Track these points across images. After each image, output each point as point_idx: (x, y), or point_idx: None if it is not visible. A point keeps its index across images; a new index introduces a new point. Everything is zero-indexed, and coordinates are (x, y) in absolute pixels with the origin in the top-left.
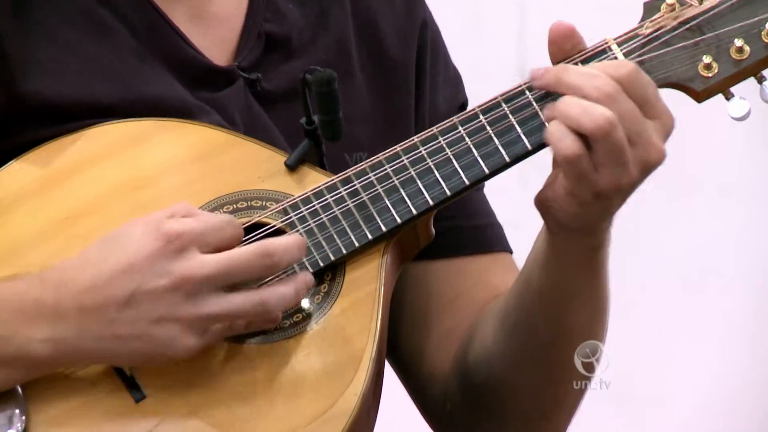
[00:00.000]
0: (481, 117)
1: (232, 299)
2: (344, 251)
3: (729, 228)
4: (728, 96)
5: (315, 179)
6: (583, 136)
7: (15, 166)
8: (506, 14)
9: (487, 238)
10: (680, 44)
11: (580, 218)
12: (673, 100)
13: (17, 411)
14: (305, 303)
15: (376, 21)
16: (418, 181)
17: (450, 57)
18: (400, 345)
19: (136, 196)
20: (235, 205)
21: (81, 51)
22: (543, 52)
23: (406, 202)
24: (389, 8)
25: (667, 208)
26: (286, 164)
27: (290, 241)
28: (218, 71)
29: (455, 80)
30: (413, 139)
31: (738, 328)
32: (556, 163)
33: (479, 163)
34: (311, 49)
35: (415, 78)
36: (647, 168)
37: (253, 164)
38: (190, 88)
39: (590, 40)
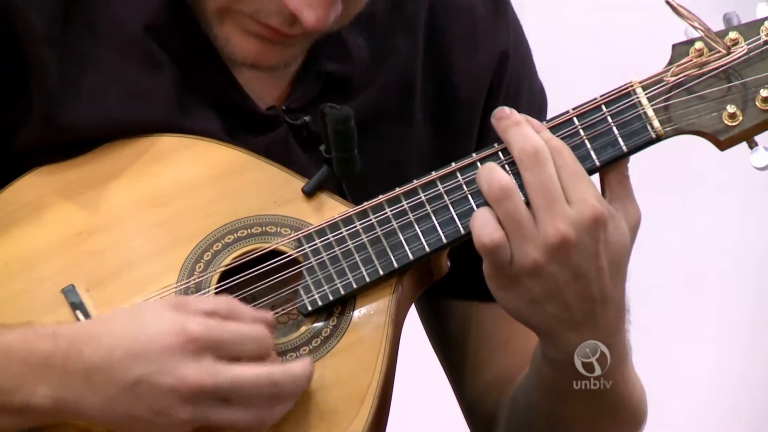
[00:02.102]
0: (502, 157)
1: (231, 413)
2: (355, 286)
3: (727, 226)
4: (752, 145)
5: (332, 207)
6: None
7: (32, 177)
8: None
9: None
10: (705, 92)
11: (511, 310)
12: None
13: None
14: (313, 334)
15: (449, 58)
16: (434, 219)
17: (537, 81)
18: (455, 371)
19: (151, 215)
20: (249, 230)
21: (125, 78)
22: (541, 53)
23: (419, 239)
24: (467, 42)
25: (664, 207)
26: (303, 191)
27: (300, 373)
28: (259, 115)
29: (538, 106)
30: (433, 175)
31: (736, 327)
32: None
33: None
34: (370, 88)
35: (481, 117)
36: (548, 249)
37: (270, 188)
38: (231, 129)
39: (589, 40)
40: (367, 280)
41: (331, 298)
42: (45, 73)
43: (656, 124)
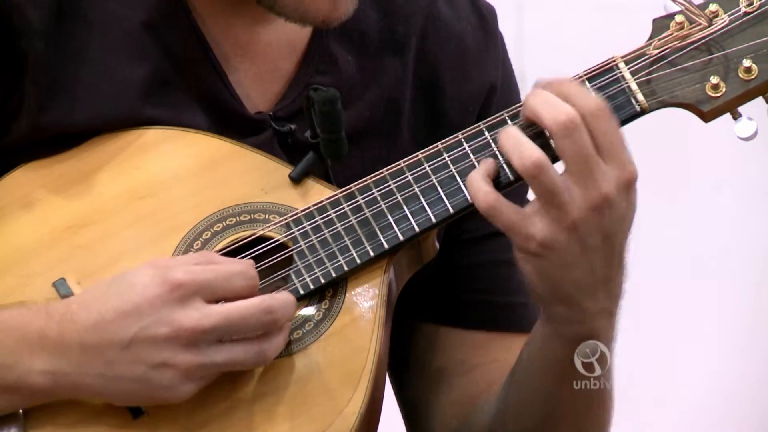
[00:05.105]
0: (486, 133)
1: (232, 350)
2: (346, 268)
3: (724, 224)
4: (735, 116)
5: (319, 193)
6: None
7: (20, 173)
8: (504, 16)
9: (517, 316)
10: (688, 64)
11: (537, 278)
12: None
13: (14, 428)
14: (306, 318)
15: (439, 82)
16: (422, 198)
17: None
18: (409, 394)
19: (139, 206)
20: (238, 218)
21: (116, 74)
22: (541, 54)
23: (408, 219)
24: (457, 70)
25: (660, 205)
26: (290, 177)
27: (289, 297)
28: (246, 118)
29: None
30: (417, 155)
31: (734, 325)
32: None
33: None
34: (358, 103)
35: None
36: (594, 208)
37: (257, 176)
38: (217, 128)
39: (589, 40)
40: (358, 262)
41: (322, 281)
42: (39, 69)
43: (640, 97)
